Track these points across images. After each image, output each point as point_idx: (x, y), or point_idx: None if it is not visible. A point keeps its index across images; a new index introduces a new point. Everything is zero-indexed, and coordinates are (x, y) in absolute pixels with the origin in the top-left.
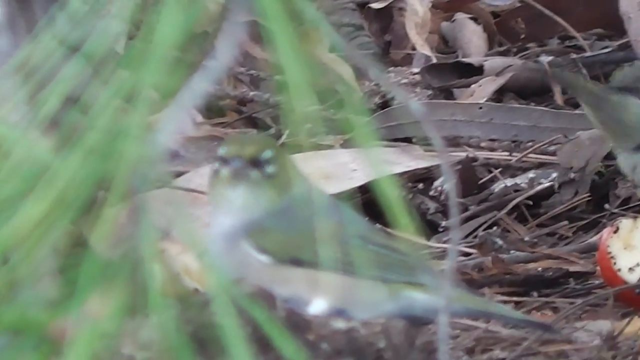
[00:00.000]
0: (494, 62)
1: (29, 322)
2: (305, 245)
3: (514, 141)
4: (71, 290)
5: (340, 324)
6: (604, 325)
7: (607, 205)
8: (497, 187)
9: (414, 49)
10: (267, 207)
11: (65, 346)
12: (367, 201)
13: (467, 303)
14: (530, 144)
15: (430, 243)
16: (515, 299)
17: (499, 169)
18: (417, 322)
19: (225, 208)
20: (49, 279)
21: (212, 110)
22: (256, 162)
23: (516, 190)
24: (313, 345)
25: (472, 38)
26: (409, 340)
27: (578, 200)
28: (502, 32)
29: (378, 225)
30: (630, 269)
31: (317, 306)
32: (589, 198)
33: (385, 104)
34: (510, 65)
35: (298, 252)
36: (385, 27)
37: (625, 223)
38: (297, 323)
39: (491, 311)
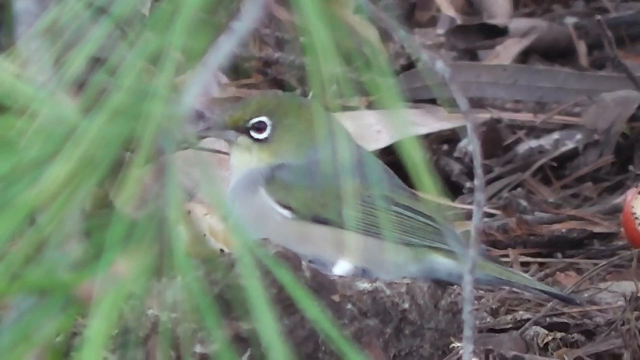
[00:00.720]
0: (518, 24)
1: (56, 283)
2: (328, 204)
3: (538, 103)
4: (98, 252)
5: (365, 285)
6: (628, 286)
7: (631, 167)
8: (522, 148)
9: (439, 10)
10: (260, 170)
11: (92, 307)
12: (391, 163)
13: (489, 271)
14: (554, 105)
15: (455, 204)
16: (539, 260)
17: (524, 131)
18: (442, 283)
19: (232, 171)
20: (76, 240)
21: (237, 72)
22: (241, 128)
23: (540, 152)
24: (338, 306)
25: None
26: (434, 301)
27: (602, 162)
28: None
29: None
30: None
31: (340, 267)
32: (614, 160)
33: (410, 66)
34: (535, 27)
35: (321, 210)
36: None
37: None
38: (323, 284)
39: (513, 281)
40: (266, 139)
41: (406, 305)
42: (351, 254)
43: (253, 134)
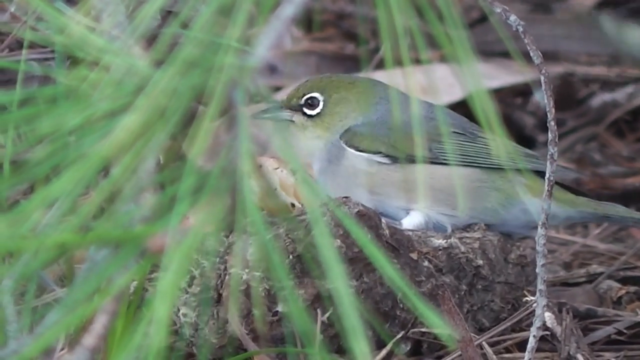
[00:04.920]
0: None
1: (129, 235)
2: (414, 143)
3: (612, 56)
4: (170, 204)
5: (440, 241)
6: None
7: None
8: (595, 102)
9: None
10: (319, 143)
11: (164, 259)
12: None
13: (583, 207)
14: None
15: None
16: None
17: (597, 84)
18: (516, 235)
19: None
20: (149, 192)
21: (310, 25)
22: (295, 106)
23: (614, 105)
24: (416, 264)
25: None
26: (504, 255)
27: None
28: None
29: None
30: None
31: (411, 218)
32: None
33: (483, 19)
34: None
35: (411, 150)
36: None
37: None
38: (401, 241)
39: (610, 213)
40: (319, 113)
41: (480, 261)
42: (462, 198)
43: (306, 110)
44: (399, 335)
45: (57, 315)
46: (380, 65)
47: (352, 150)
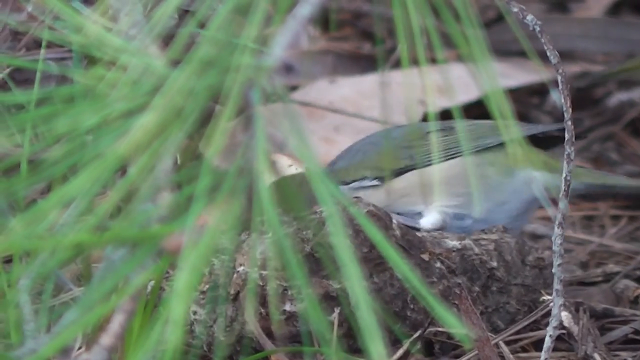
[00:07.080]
0: None
1: (146, 235)
2: (392, 157)
3: (629, 55)
4: (187, 203)
5: (454, 242)
6: None
7: None
8: (612, 101)
9: None
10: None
11: (180, 259)
12: (480, 116)
13: (584, 178)
14: None
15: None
16: (629, 213)
17: (614, 84)
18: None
19: None
20: (166, 191)
21: (327, 24)
22: None
23: (631, 105)
24: (427, 265)
25: None
26: (521, 257)
27: None
28: None
29: None
30: None
31: (428, 219)
32: None
33: (499, 18)
34: None
35: (394, 163)
36: None
37: None
38: (412, 242)
39: (609, 182)
40: None
41: (494, 263)
42: (440, 188)
43: None
44: (416, 335)
45: (75, 315)
46: (396, 65)
47: (342, 187)
